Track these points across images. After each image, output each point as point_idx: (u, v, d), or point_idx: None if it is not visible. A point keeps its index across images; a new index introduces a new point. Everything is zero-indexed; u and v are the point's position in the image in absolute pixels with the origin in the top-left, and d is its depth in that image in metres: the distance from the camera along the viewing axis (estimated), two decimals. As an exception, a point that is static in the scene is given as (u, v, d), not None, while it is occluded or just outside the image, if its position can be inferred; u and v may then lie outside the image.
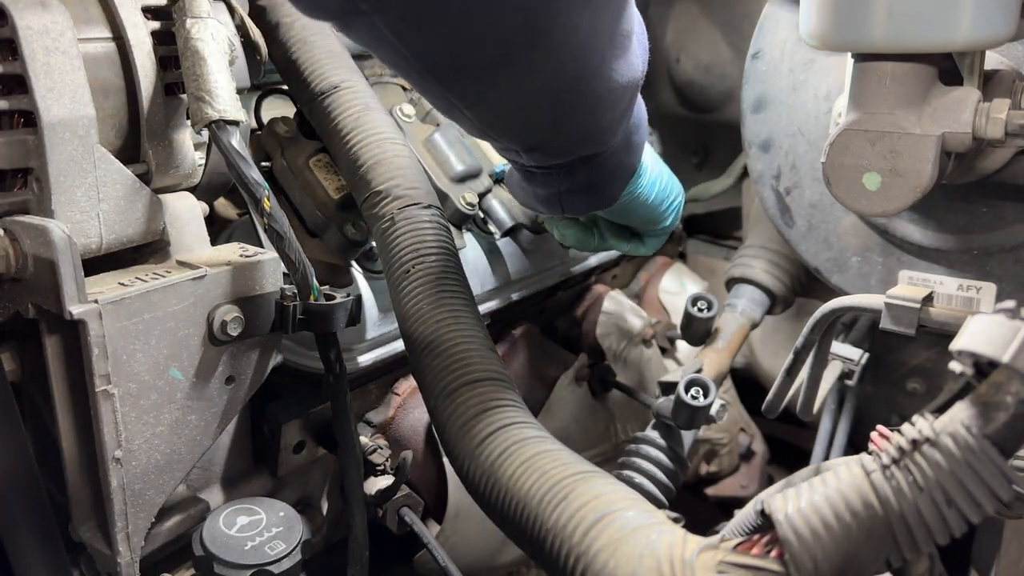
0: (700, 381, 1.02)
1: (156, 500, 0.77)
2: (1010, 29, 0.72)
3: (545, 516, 0.57)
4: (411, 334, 0.75)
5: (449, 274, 0.77)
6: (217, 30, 0.79)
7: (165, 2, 0.81)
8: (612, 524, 0.54)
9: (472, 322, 0.74)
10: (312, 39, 0.92)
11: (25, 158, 0.72)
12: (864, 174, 0.82)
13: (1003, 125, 0.77)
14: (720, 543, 0.51)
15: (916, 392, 1.35)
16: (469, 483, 0.65)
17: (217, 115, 0.76)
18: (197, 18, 0.78)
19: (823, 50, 0.84)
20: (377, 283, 1.00)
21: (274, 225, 0.77)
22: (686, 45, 1.59)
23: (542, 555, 0.58)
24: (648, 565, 0.51)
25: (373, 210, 0.84)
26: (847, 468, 0.49)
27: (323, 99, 0.89)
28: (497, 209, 1.12)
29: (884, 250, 1.07)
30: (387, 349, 1.00)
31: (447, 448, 0.69)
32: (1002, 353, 0.46)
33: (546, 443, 0.63)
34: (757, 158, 1.15)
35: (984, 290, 1.00)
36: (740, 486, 1.53)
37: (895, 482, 0.47)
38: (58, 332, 0.72)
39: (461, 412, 0.67)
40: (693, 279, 1.53)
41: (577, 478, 0.58)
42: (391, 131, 0.88)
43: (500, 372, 0.70)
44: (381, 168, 0.85)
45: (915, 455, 0.47)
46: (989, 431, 0.46)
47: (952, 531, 0.47)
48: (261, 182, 0.77)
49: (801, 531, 0.48)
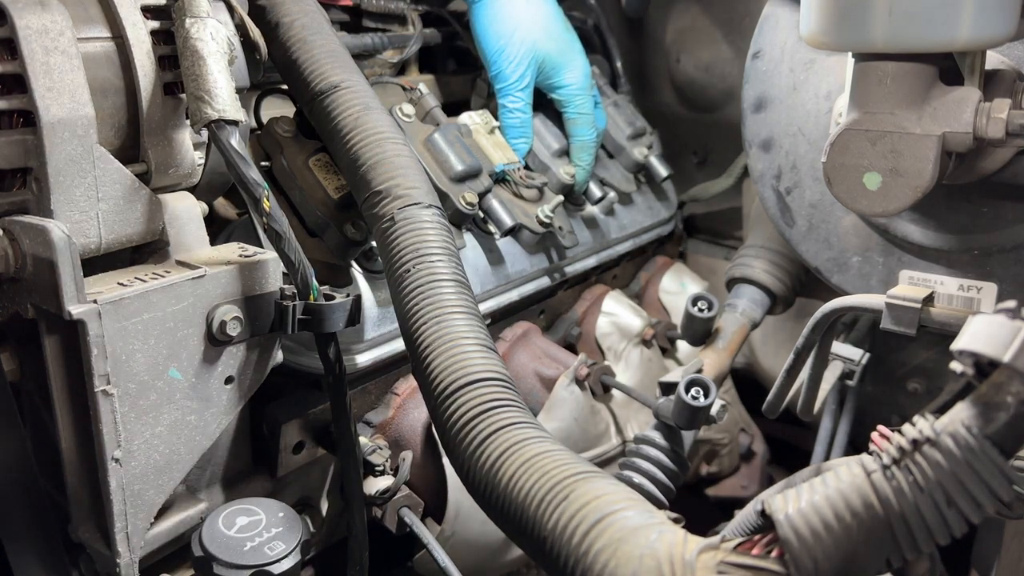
0: (700, 381, 1.02)
1: (155, 500, 0.77)
2: (1010, 29, 0.72)
3: (546, 516, 0.57)
4: (411, 334, 0.75)
5: (449, 274, 0.77)
6: (217, 30, 0.79)
7: (164, 2, 0.81)
8: (612, 524, 0.54)
9: (473, 322, 0.74)
10: (312, 39, 0.92)
11: (24, 158, 0.72)
12: (865, 174, 0.82)
13: (1004, 125, 0.77)
14: (720, 543, 0.51)
15: (917, 392, 1.35)
16: (469, 483, 0.65)
17: (216, 115, 0.76)
18: (196, 18, 0.78)
19: (823, 50, 0.84)
20: (377, 283, 1.00)
21: (274, 225, 0.77)
22: (686, 45, 1.59)
23: (543, 555, 0.58)
24: (648, 565, 0.51)
25: (373, 210, 0.84)
26: (847, 468, 0.49)
27: (323, 99, 0.89)
28: (497, 209, 1.12)
29: (885, 250, 1.07)
30: (386, 349, 1.00)
31: (447, 448, 0.69)
32: (1003, 353, 0.46)
33: (546, 443, 0.63)
34: (757, 158, 1.15)
35: (985, 290, 1.00)
36: (740, 486, 1.53)
37: (896, 482, 0.47)
38: (57, 332, 0.72)
39: (462, 412, 0.67)
40: (693, 279, 1.52)
41: (577, 479, 0.58)
42: (391, 131, 0.88)
43: (501, 372, 0.70)
44: (381, 168, 0.85)
45: (916, 455, 0.47)
46: (990, 431, 0.46)
47: (953, 531, 0.47)
48: (260, 182, 0.77)
49: (801, 531, 0.48)
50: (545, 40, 1.21)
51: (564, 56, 1.24)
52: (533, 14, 1.20)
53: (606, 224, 1.37)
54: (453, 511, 1.01)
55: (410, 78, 1.29)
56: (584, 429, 1.15)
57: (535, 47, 1.19)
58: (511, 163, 1.18)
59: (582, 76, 1.26)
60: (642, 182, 1.49)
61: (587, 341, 1.32)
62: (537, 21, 1.21)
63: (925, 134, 0.78)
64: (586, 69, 1.28)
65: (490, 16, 1.18)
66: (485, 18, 1.18)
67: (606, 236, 1.36)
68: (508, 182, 1.18)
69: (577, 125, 1.26)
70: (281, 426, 0.91)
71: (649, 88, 1.70)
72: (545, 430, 0.66)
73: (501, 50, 1.18)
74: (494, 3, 1.18)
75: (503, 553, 1.11)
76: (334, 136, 0.89)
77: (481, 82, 1.34)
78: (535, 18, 1.20)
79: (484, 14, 1.18)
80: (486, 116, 1.21)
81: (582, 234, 1.31)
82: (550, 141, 1.27)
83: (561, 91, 1.25)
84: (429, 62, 1.39)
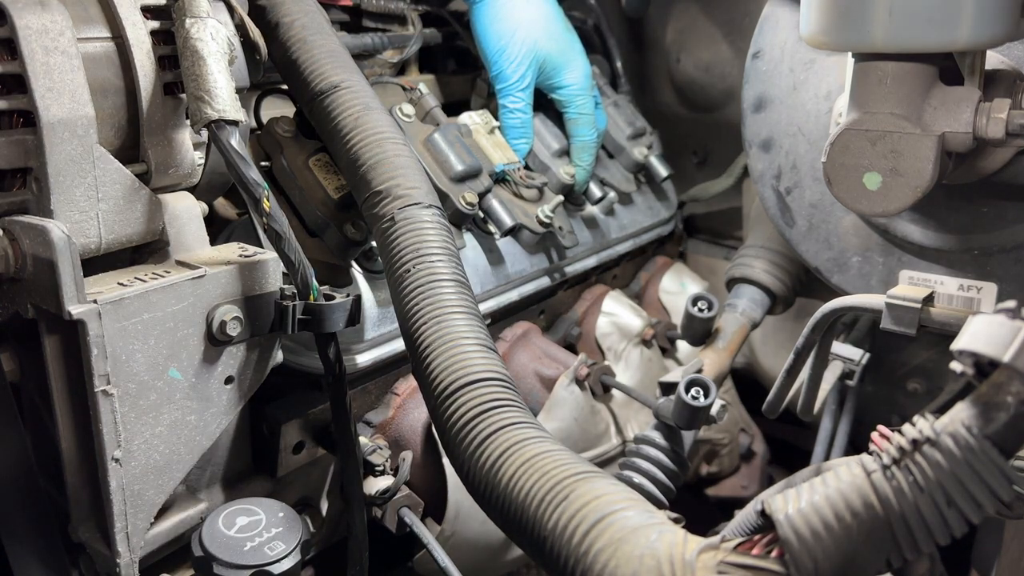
0: (700, 381, 1.02)
1: (155, 500, 0.77)
2: (1010, 29, 0.72)
3: (546, 516, 0.57)
4: (412, 334, 0.75)
5: (449, 274, 0.77)
6: (217, 30, 0.79)
7: (164, 2, 0.81)
8: (612, 524, 0.55)
9: (473, 322, 0.74)
10: (312, 39, 0.92)
11: (24, 158, 0.72)
12: (865, 174, 0.82)
13: (1004, 125, 0.77)
14: (720, 543, 0.51)
15: (917, 392, 1.35)
16: (469, 483, 0.65)
17: (216, 115, 0.76)
18: (196, 18, 0.78)
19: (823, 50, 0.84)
20: (377, 283, 1.00)
21: (273, 225, 0.77)
22: (686, 45, 1.59)
23: (543, 555, 0.58)
24: (648, 565, 0.51)
25: (374, 210, 0.84)
26: (847, 468, 0.49)
27: (323, 99, 0.89)
28: (497, 209, 1.12)
29: (885, 250, 1.07)
30: (386, 349, 1.00)
31: (447, 448, 0.69)
32: (1003, 353, 0.46)
33: (546, 443, 0.63)
34: (757, 158, 1.15)
35: (985, 290, 1.00)
36: (740, 486, 1.53)
37: (896, 482, 0.47)
38: (57, 332, 0.72)
39: (462, 412, 0.67)
40: (693, 279, 1.52)
41: (577, 479, 0.58)
42: (391, 131, 0.88)
43: (501, 372, 0.70)
44: (381, 168, 0.85)
45: (916, 455, 0.47)
46: (989, 431, 0.46)
47: (953, 531, 0.47)
48: (260, 182, 0.77)
49: (801, 531, 0.48)
50: (546, 40, 1.21)
51: (565, 56, 1.24)
52: (534, 14, 1.20)
53: (606, 224, 1.37)
54: (453, 511, 1.01)
55: (410, 78, 1.29)
56: (584, 429, 1.15)
57: (536, 47, 1.19)
58: (511, 163, 1.18)
59: (583, 76, 1.26)
60: (642, 182, 1.49)
61: (587, 341, 1.32)
62: (538, 21, 1.21)
63: (925, 134, 0.78)
64: (587, 69, 1.28)
65: (491, 16, 1.18)
66: (486, 18, 1.18)
67: (606, 236, 1.36)
68: (508, 182, 1.18)
69: (578, 125, 1.26)
70: (281, 426, 0.91)
71: (649, 88, 1.70)
72: (545, 430, 0.66)
73: (502, 50, 1.18)
74: (495, 3, 1.18)
75: (503, 553, 1.10)
76: (334, 136, 0.89)
77: (481, 82, 1.34)
78: (536, 18, 1.21)
79: (485, 14, 1.18)
80: (486, 116, 1.21)
81: (582, 234, 1.31)
82: (550, 141, 1.27)
83: (562, 91, 1.25)
84: (429, 62, 1.39)
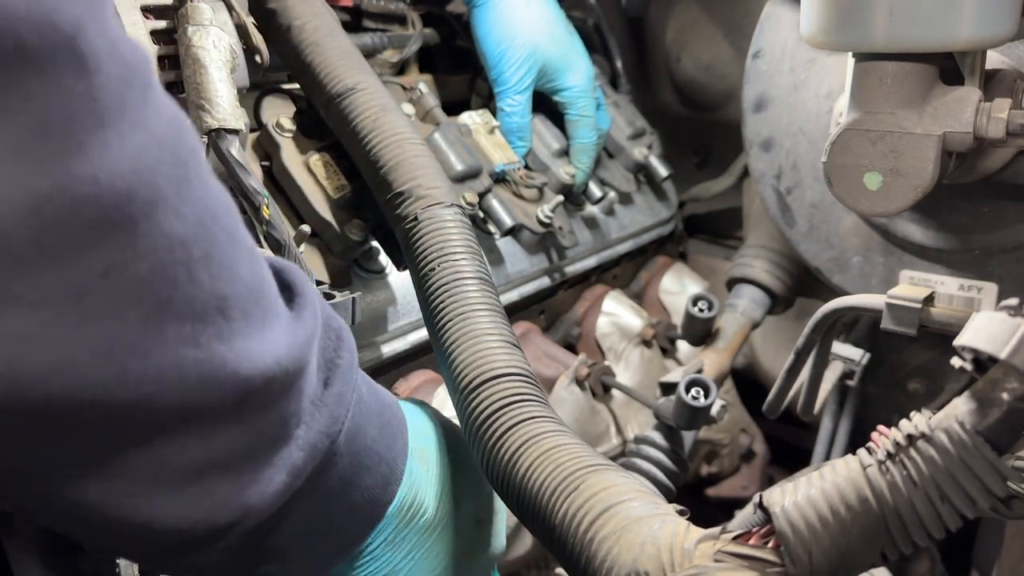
0: (701, 381, 1.02)
1: (155, 499, 0.76)
2: (1011, 28, 0.72)
3: (556, 507, 0.59)
4: (438, 330, 0.76)
5: (473, 272, 0.78)
6: (219, 38, 0.79)
7: (164, 2, 0.81)
8: (617, 514, 0.56)
9: (497, 319, 0.75)
10: (324, 41, 0.93)
11: (25, 157, 0.72)
12: (865, 174, 0.82)
13: (1004, 124, 0.77)
14: (720, 534, 0.53)
15: (917, 392, 1.35)
16: (490, 475, 0.67)
17: (217, 124, 0.76)
18: (199, 26, 0.78)
19: (824, 50, 0.84)
20: (377, 283, 1.00)
21: (273, 233, 0.77)
22: (687, 44, 1.59)
23: (553, 543, 0.59)
24: (649, 553, 0.53)
25: (396, 211, 0.85)
26: (844, 463, 0.50)
27: (340, 101, 0.90)
28: (497, 209, 1.12)
29: (885, 250, 1.07)
30: (386, 350, 1.00)
31: (471, 440, 0.70)
32: (1001, 349, 0.47)
33: (564, 437, 0.64)
34: (758, 157, 1.15)
35: (985, 290, 1.00)
36: (741, 487, 1.53)
37: (890, 476, 0.48)
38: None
39: (484, 406, 0.68)
40: (694, 279, 1.52)
41: (589, 470, 0.60)
42: (409, 131, 0.89)
43: (524, 368, 0.72)
44: (402, 169, 0.85)
45: (910, 450, 0.48)
46: (982, 427, 0.47)
47: (947, 525, 0.47)
48: (260, 190, 0.77)
49: (797, 524, 0.49)
50: (547, 43, 1.21)
51: (567, 59, 1.24)
52: (535, 17, 1.20)
53: (606, 224, 1.37)
54: (453, 511, 1.01)
55: (410, 78, 1.29)
56: (584, 429, 1.15)
57: (537, 51, 1.19)
58: (511, 163, 1.18)
59: (585, 79, 1.26)
60: (642, 182, 1.49)
61: (587, 341, 1.32)
62: (539, 24, 1.20)
63: (925, 134, 0.78)
64: (589, 72, 1.28)
65: (491, 20, 1.18)
66: (486, 22, 1.18)
67: (606, 236, 1.37)
68: (508, 182, 1.18)
69: (579, 127, 1.26)
70: (281, 425, 0.91)
71: (649, 88, 1.70)
72: (564, 424, 0.67)
73: (502, 54, 1.18)
74: (495, 6, 1.18)
75: (505, 553, 1.10)
76: (353, 138, 0.90)
77: (481, 82, 1.34)
78: (537, 21, 1.20)
79: (485, 18, 1.18)
80: (486, 116, 1.21)
81: (582, 234, 1.31)
82: (550, 141, 1.27)
83: (564, 94, 1.25)
84: (429, 62, 1.39)
